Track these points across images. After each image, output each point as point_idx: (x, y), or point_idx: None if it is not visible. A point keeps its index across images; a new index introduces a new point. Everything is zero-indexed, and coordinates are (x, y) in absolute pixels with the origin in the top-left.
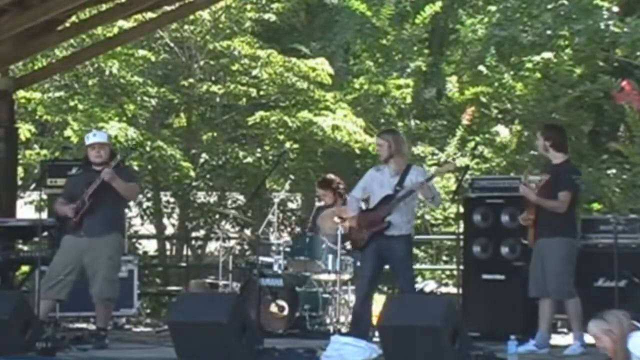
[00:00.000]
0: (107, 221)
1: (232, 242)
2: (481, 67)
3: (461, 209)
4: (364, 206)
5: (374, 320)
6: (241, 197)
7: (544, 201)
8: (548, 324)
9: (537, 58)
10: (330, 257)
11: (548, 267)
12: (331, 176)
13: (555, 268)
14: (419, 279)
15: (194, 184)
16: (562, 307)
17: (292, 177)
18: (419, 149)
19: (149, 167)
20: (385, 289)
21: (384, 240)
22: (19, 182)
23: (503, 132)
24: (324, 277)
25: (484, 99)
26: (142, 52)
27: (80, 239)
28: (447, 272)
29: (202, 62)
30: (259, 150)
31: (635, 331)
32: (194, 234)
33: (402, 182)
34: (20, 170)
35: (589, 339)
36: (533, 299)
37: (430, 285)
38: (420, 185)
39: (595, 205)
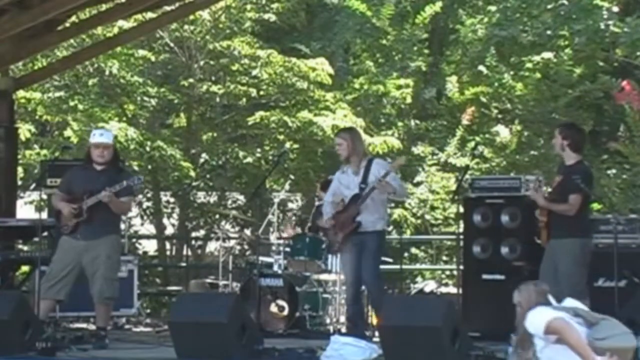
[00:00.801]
0: (103, 226)
1: (232, 242)
2: (481, 67)
3: (461, 209)
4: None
5: (374, 321)
6: (241, 197)
7: (553, 205)
8: None
9: (537, 58)
10: (330, 257)
11: (560, 268)
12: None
13: (567, 269)
14: (419, 279)
15: (194, 184)
16: None
17: (292, 177)
18: (419, 149)
19: (149, 167)
20: (385, 288)
21: (357, 237)
22: (19, 182)
23: (503, 132)
24: (324, 277)
25: (484, 99)
26: (142, 52)
27: (77, 240)
28: (447, 272)
29: (202, 62)
30: (259, 150)
31: (539, 306)
32: (194, 234)
33: (365, 179)
34: (20, 170)
35: None
36: None
37: (430, 285)
38: (378, 182)
39: (595, 205)
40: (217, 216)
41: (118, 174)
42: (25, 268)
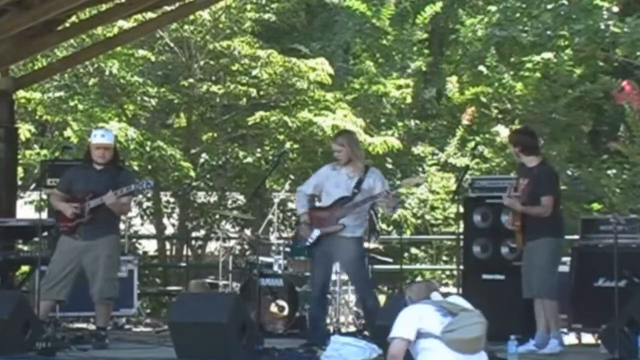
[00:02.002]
0: (103, 226)
1: (232, 242)
2: (481, 67)
3: (461, 209)
4: (317, 203)
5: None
6: (241, 197)
7: (529, 209)
8: (546, 324)
9: (537, 58)
10: None
11: (535, 265)
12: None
13: (540, 266)
14: (419, 279)
15: (194, 184)
16: (561, 307)
17: (292, 177)
18: (419, 149)
19: (149, 167)
20: (385, 289)
21: (335, 241)
22: (19, 182)
23: (503, 132)
24: None
25: (484, 99)
26: (142, 52)
27: (77, 241)
28: (447, 272)
29: (202, 62)
30: (259, 150)
31: (422, 302)
32: (194, 234)
33: (359, 185)
34: (20, 170)
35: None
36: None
37: None
38: (387, 194)
39: (595, 205)
40: (217, 216)
41: (118, 174)
42: (25, 268)
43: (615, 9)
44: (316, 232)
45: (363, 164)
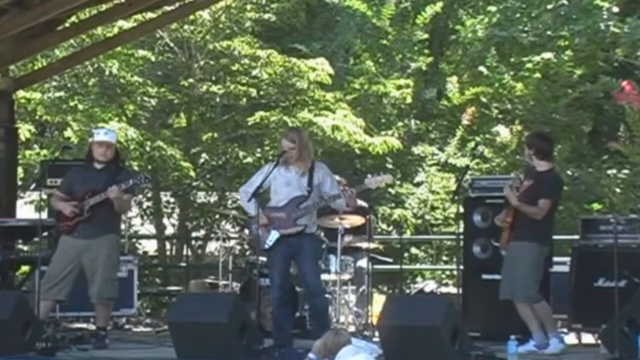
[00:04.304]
0: (102, 225)
1: (232, 242)
2: (481, 68)
3: (461, 209)
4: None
5: (374, 320)
6: None
7: (524, 206)
8: (540, 325)
9: (537, 58)
10: (330, 257)
11: (518, 270)
12: (337, 177)
13: (524, 273)
14: (419, 279)
15: (194, 184)
16: (561, 307)
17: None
18: (419, 149)
19: (149, 167)
20: (385, 289)
21: (296, 240)
22: (19, 182)
23: (503, 132)
24: (324, 277)
25: (484, 99)
26: (142, 52)
27: (77, 240)
28: (447, 272)
29: (202, 62)
30: (259, 150)
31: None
32: (194, 234)
33: (311, 182)
34: (20, 170)
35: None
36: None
37: (430, 285)
38: (350, 193)
39: (595, 205)
40: (217, 216)
41: (118, 173)
42: (25, 268)
43: (615, 9)
44: (275, 234)
45: (311, 158)
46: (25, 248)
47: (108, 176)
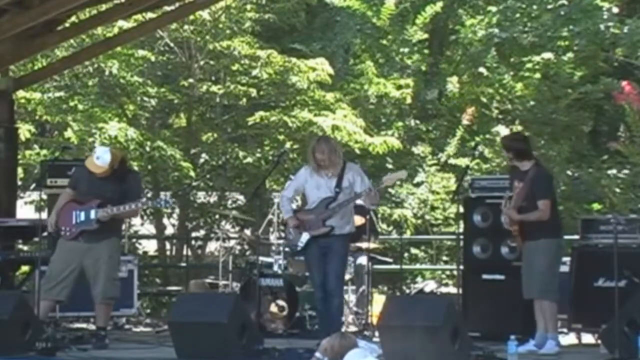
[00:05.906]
0: (106, 229)
1: (232, 242)
2: (481, 69)
3: (461, 209)
4: (294, 205)
5: (374, 320)
6: (241, 197)
7: (527, 217)
8: (545, 325)
9: (537, 58)
10: None
11: (535, 267)
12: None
13: (540, 268)
14: (419, 279)
15: (194, 184)
16: (561, 307)
17: (292, 177)
18: (419, 149)
19: (149, 167)
20: (385, 289)
21: (324, 240)
22: (19, 182)
23: (503, 133)
24: None
25: (484, 99)
26: (142, 52)
27: (79, 242)
28: (447, 272)
29: (202, 62)
30: (259, 150)
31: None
32: (194, 234)
33: (340, 183)
34: (20, 170)
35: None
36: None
37: (430, 285)
38: (369, 191)
39: (595, 205)
40: (217, 216)
41: (124, 179)
42: (25, 268)
43: (616, 9)
44: (305, 236)
45: (341, 160)
46: (25, 248)
47: (114, 185)
